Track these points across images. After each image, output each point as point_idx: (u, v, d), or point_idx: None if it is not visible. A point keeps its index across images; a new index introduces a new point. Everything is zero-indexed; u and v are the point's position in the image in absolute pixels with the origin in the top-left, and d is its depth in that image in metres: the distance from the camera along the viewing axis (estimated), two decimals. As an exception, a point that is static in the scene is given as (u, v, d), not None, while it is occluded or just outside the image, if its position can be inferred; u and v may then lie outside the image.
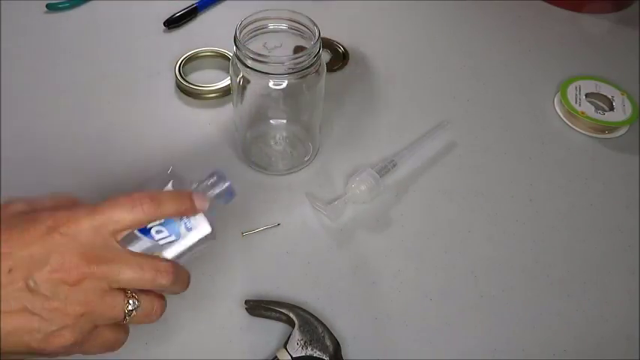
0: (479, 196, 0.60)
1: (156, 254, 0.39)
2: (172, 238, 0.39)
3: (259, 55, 0.50)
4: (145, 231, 0.39)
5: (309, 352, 0.45)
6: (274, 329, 0.49)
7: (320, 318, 0.47)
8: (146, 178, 0.42)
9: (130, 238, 0.38)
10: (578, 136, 0.67)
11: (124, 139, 0.63)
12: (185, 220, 0.40)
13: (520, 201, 0.60)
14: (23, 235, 0.33)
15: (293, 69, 0.51)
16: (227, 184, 0.44)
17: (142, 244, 0.38)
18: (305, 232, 0.55)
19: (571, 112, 0.68)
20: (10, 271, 0.32)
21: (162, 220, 0.39)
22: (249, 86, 0.54)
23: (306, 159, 0.61)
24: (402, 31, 0.80)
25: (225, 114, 0.66)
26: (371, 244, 0.55)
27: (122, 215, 0.36)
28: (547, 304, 0.52)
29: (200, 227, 0.41)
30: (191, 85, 0.67)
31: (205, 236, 0.41)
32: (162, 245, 0.39)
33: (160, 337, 0.48)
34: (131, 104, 0.66)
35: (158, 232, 0.39)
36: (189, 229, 0.40)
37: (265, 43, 0.56)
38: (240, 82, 0.54)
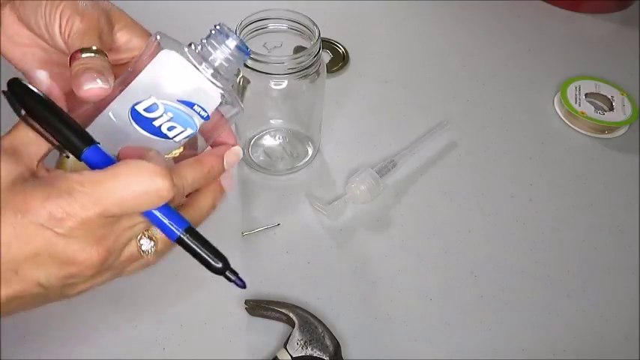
0: (479, 196, 0.60)
1: (174, 152, 0.37)
2: (190, 132, 0.36)
3: (259, 55, 0.50)
4: (154, 129, 0.36)
5: (309, 352, 0.45)
6: (274, 329, 0.49)
7: (320, 318, 0.47)
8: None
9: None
10: (578, 136, 0.67)
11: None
12: (198, 108, 0.36)
13: (520, 201, 0.60)
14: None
15: (293, 69, 0.51)
16: (234, 41, 0.37)
17: (155, 145, 0.35)
18: (305, 232, 0.55)
19: (571, 112, 0.68)
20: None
21: (171, 115, 0.36)
22: (249, 86, 0.54)
23: (306, 159, 0.61)
24: (402, 31, 0.80)
25: (225, 114, 0.65)
26: (371, 244, 0.55)
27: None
28: (547, 304, 0.52)
29: (211, 101, 0.36)
30: (191, 85, 0.67)
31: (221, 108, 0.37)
32: (179, 142, 0.37)
33: (160, 337, 0.48)
34: (131, 104, 0.66)
35: (170, 128, 0.36)
36: (204, 118, 0.36)
37: (265, 43, 0.56)
38: (240, 82, 0.54)
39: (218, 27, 0.38)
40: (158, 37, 0.37)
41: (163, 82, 0.36)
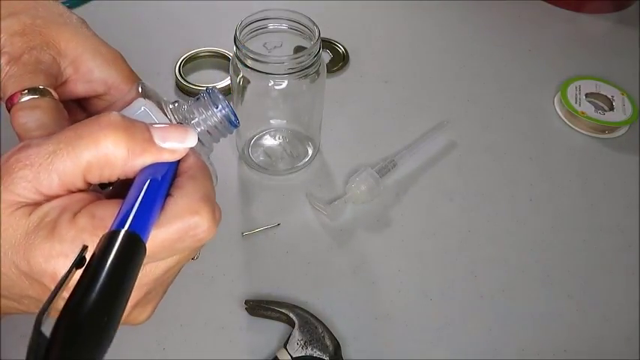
0: (479, 196, 0.60)
1: None
2: None
3: (259, 55, 0.50)
4: None
5: (309, 352, 0.45)
6: (274, 329, 0.49)
7: (320, 318, 0.47)
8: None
9: None
10: (578, 136, 0.67)
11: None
12: None
13: (520, 201, 0.60)
14: None
15: (293, 69, 0.51)
16: (223, 108, 0.35)
17: None
18: (305, 232, 0.55)
19: (571, 112, 0.68)
20: None
21: None
22: (249, 86, 0.54)
23: (306, 159, 0.61)
24: (402, 31, 0.80)
25: (225, 114, 0.65)
26: (371, 244, 0.55)
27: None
28: (547, 304, 0.52)
29: None
30: (191, 85, 0.67)
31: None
32: None
33: (160, 337, 0.48)
34: (131, 104, 0.66)
35: None
36: None
37: (265, 43, 0.56)
38: (240, 82, 0.54)
39: (210, 91, 0.35)
40: (140, 87, 0.35)
41: None
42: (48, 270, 0.26)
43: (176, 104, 0.36)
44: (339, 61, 0.73)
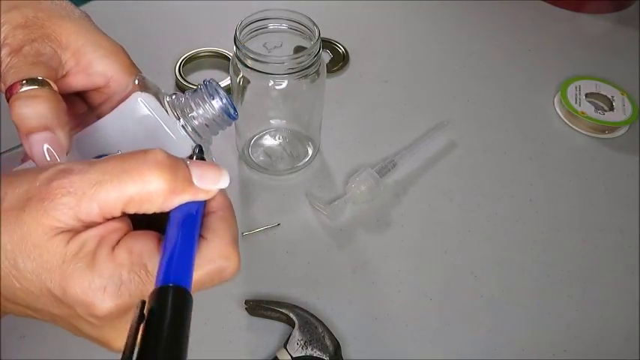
0: (479, 196, 0.60)
1: None
2: None
3: (259, 55, 0.50)
4: None
5: (309, 352, 0.45)
6: (274, 329, 0.49)
7: (320, 318, 0.48)
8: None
9: None
10: (578, 136, 0.67)
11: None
12: None
13: (520, 201, 0.60)
14: None
15: (293, 69, 0.51)
16: (221, 100, 0.34)
17: None
18: (305, 232, 0.56)
19: (571, 112, 0.68)
20: None
21: None
22: (249, 86, 0.54)
23: (306, 159, 0.61)
24: (402, 31, 0.80)
25: (225, 114, 0.65)
26: (371, 244, 0.55)
27: None
28: (547, 304, 0.52)
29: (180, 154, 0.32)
30: (191, 85, 0.67)
31: None
32: None
33: (160, 337, 0.48)
34: (131, 104, 0.66)
35: None
36: None
37: (265, 43, 0.56)
38: (240, 82, 0.54)
39: (207, 83, 0.35)
40: (137, 80, 0.35)
41: (131, 128, 0.34)
42: (86, 301, 0.27)
43: (173, 97, 0.36)
44: (339, 61, 0.73)
